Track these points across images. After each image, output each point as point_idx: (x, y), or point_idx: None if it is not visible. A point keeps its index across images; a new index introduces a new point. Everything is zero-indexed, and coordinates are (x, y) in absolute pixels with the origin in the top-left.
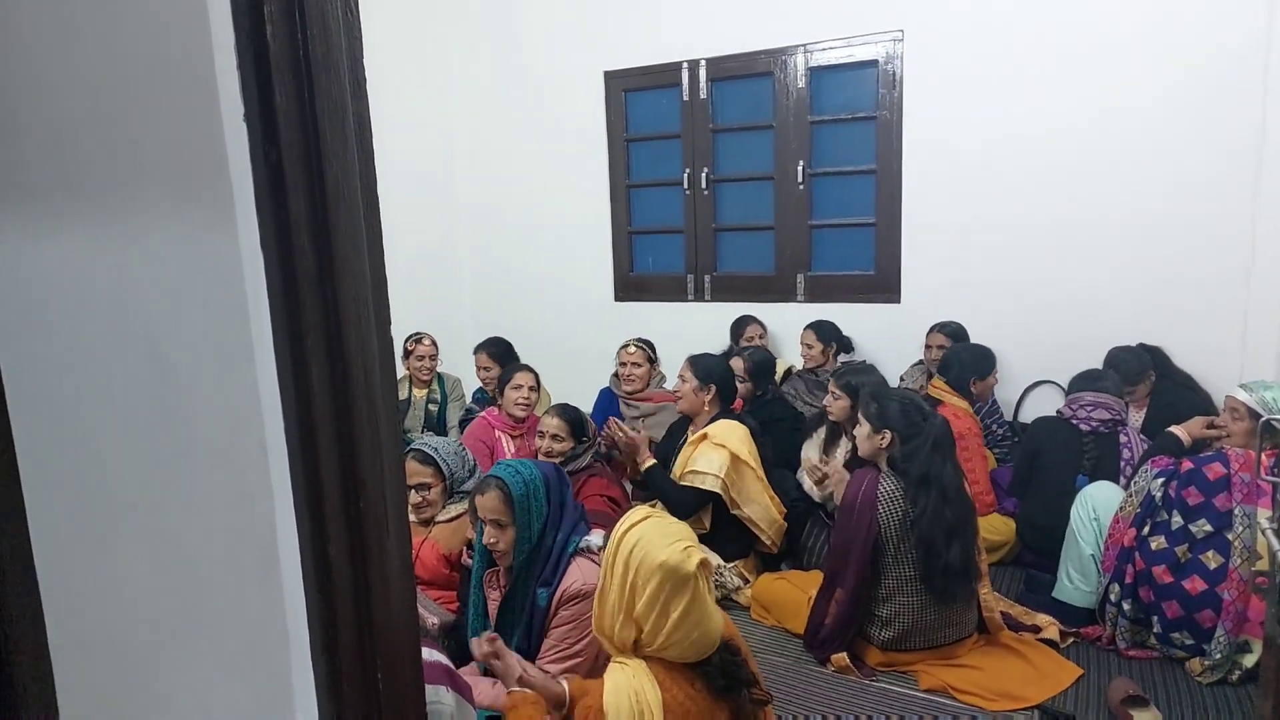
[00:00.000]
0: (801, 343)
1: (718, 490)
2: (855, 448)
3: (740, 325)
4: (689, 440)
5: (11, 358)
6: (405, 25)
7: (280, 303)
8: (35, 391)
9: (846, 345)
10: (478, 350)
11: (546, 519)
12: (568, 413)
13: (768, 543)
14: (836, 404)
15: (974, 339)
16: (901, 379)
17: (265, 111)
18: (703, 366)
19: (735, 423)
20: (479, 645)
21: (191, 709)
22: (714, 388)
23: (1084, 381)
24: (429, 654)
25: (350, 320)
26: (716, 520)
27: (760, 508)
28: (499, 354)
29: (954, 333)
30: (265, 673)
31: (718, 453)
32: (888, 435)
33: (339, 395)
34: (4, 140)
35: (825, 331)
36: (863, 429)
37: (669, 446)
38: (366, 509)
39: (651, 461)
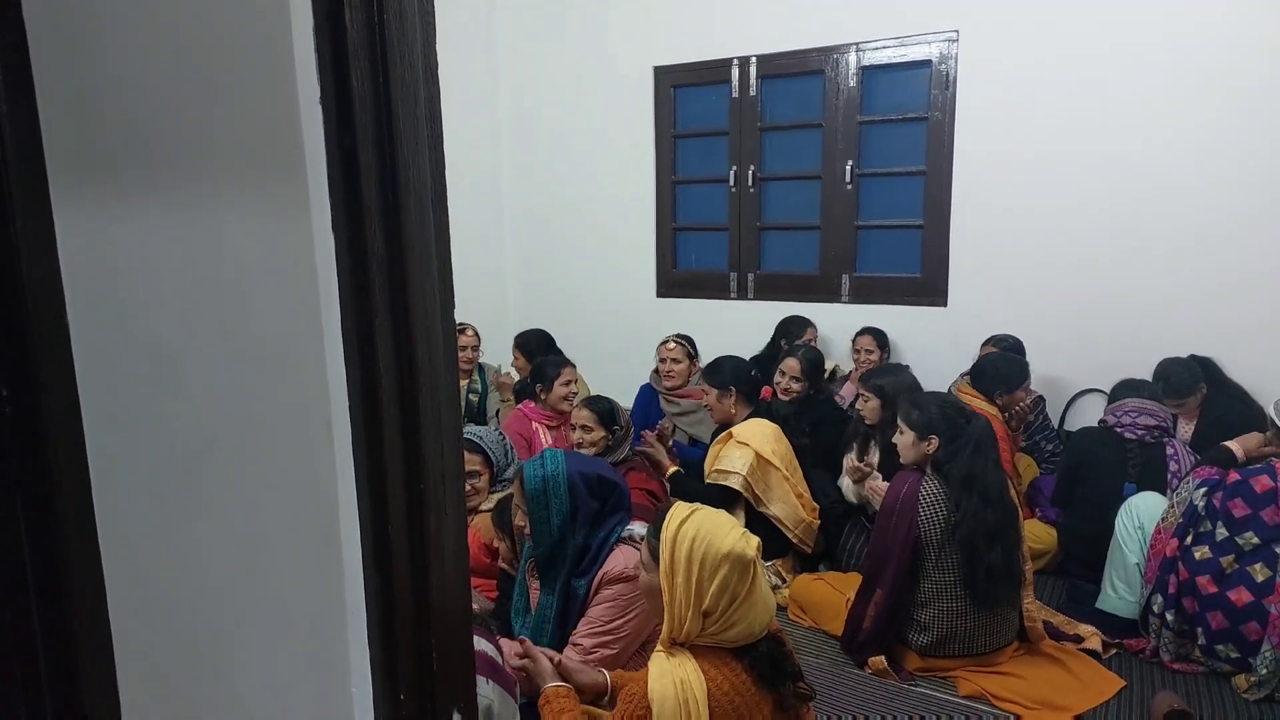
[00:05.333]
0: (860, 349)
1: (741, 489)
2: (885, 450)
3: (799, 327)
4: (716, 440)
5: (84, 334)
6: (457, 13)
7: (350, 286)
8: (106, 368)
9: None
10: (515, 347)
11: (568, 518)
12: (597, 404)
13: (795, 541)
14: (868, 406)
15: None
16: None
17: (341, 96)
18: (715, 373)
19: (763, 421)
20: (510, 649)
21: (250, 681)
22: (733, 390)
23: (1126, 390)
24: (477, 643)
25: (417, 305)
26: (749, 519)
27: (787, 507)
28: (528, 349)
29: (1011, 348)
30: (323, 646)
31: (742, 451)
32: (934, 440)
33: (404, 378)
34: (83, 121)
35: (883, 338)
36: (906, 437)
37: None
38: (427, 490)
39: (674, 469)
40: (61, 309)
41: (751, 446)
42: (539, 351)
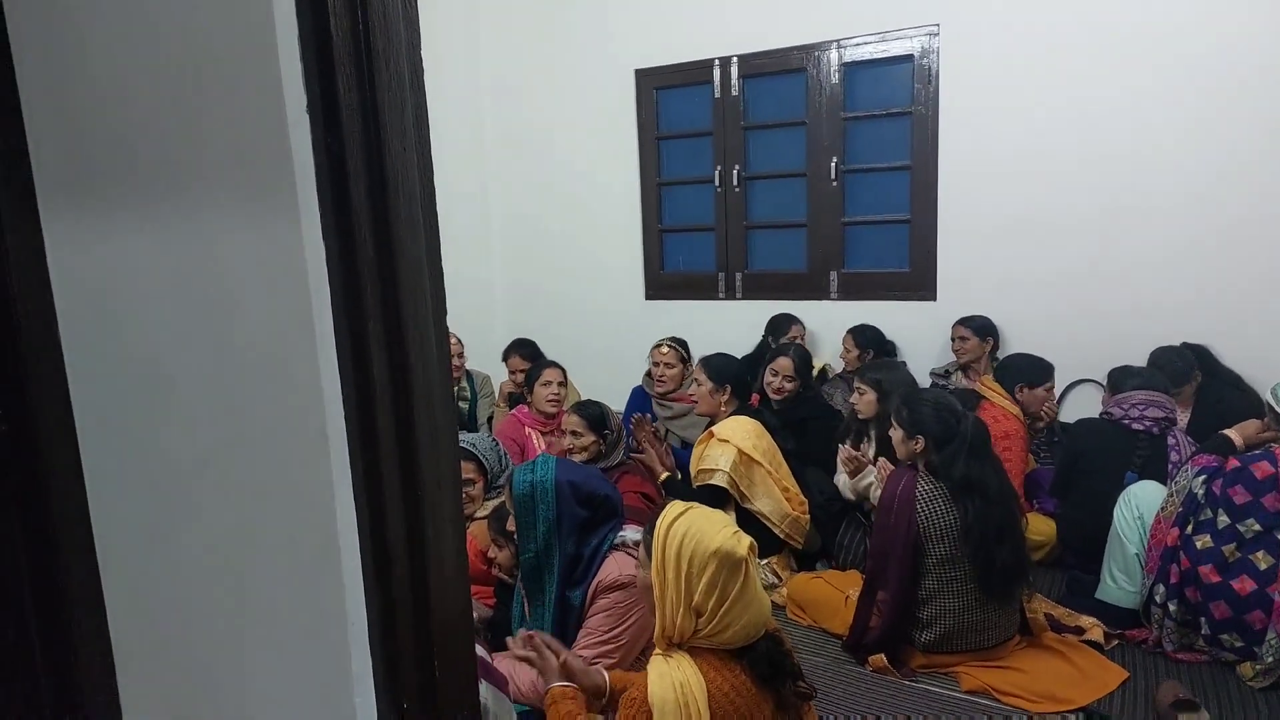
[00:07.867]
0: (843, 344)
1: (726, 485)
2: (880, 444)
3: (784, 324)
4: (699, 440)
5: (77, 349)
6: (437, 20)
7: (341, 292)
8: (100, 382)
9: (889, 350)
10: (509, 354)
11: (553, 525)
12: (587, 409)
13: (781, 537)
14: (863, 399)
15: (1011, 337)
16: (932, 372)
17: (328, 103)
18: (715, 368)
19: (743, 418)
20: (514, 645)
21: (252, 691)
22: (729, 388)
23: (1123, 376)
24: None
25: (409, 310)
26: (740, 518)
27: (772, 502)
28: (531, 354)
29: (979, 327)
30: (325, 657)
31: (724, 448)
32: (921, 441)
33: (398, 385)
34: (71, 133)
35: (866, 337)
36: (896, 434)
37: None
38: (424, 497)
39: (666, 474)
40: (53, 324)
41: (733, 443)
42: (536, 358)
